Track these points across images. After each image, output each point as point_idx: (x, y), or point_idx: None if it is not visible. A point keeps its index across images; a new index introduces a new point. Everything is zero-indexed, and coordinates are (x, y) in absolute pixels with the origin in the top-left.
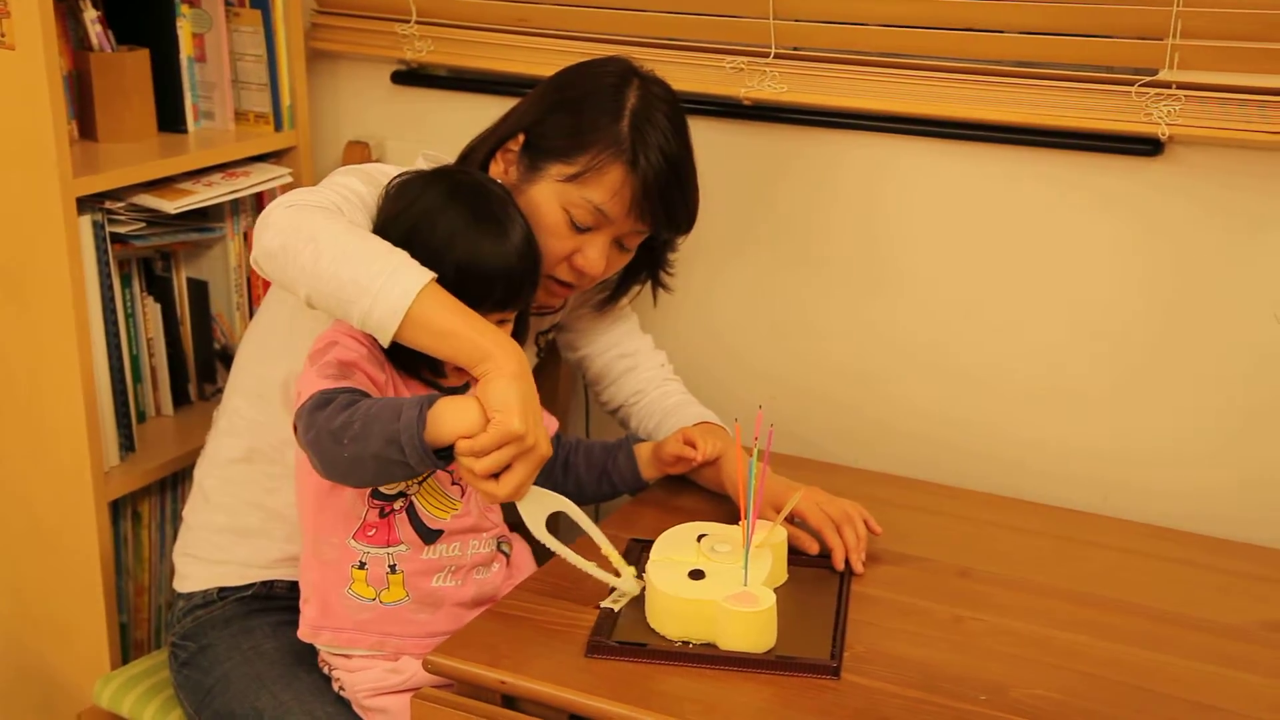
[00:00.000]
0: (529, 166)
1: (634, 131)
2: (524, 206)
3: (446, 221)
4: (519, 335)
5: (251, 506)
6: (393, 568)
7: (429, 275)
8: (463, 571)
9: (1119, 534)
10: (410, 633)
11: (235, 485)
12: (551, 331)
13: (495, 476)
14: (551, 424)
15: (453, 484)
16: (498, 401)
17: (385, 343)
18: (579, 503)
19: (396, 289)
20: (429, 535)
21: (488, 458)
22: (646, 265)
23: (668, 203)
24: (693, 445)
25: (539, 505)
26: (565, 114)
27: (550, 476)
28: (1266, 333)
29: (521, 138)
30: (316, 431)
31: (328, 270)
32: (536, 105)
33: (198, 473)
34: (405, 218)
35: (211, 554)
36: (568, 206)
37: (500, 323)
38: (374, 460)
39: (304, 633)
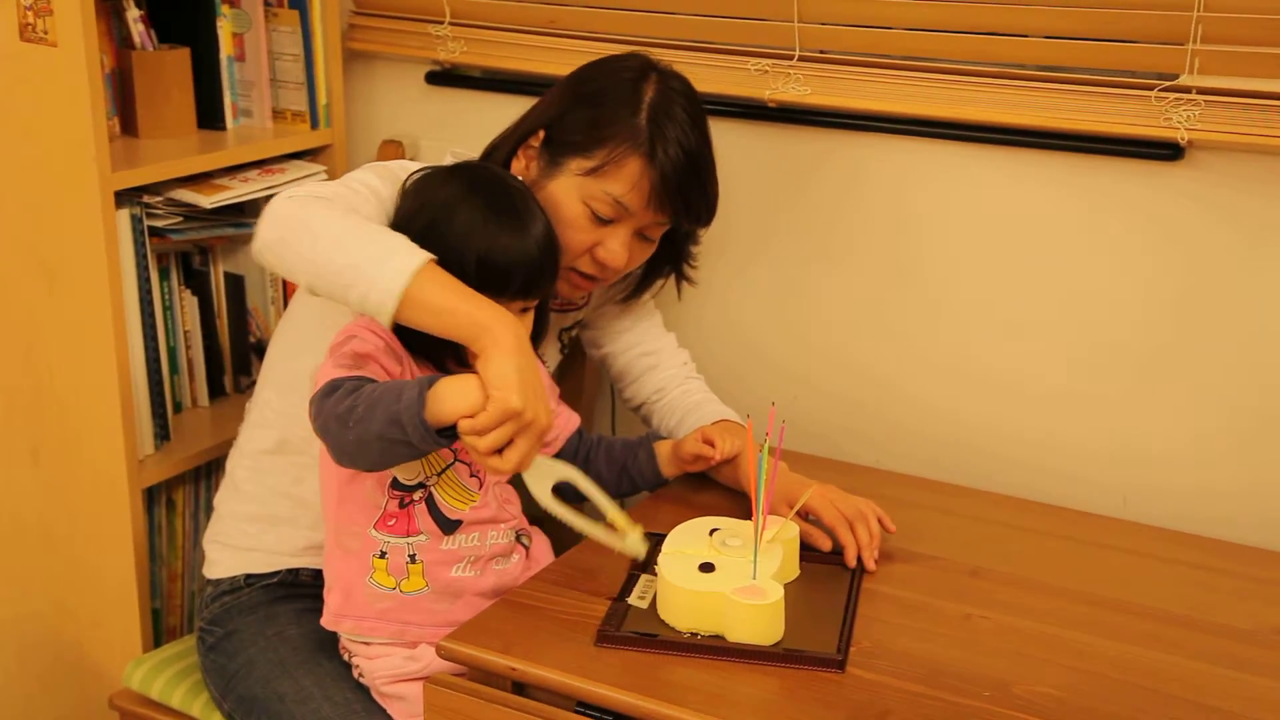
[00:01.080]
0: (549, 162)
1: (652, 124)
2: (544, 201)
3: (465, 214)
4: (539, 327)
5: (280, 495)
6: (412, 557)
7: (425, 256)
8: (481, 562)
9: (1133, 537)
10: (430, 622)
11: (265, 475)
12: (575, 328)
13: (500, 452)
14: (572, 420)
15: (471, 475)
16: (496, 378)
17: (386, 324)
18: None
19: (391, 270)
20: (448, 525)
21: (489, 435)
22: (669, 259)
23: (686, 194)
24: (711, 444)
25: (545, 476)
26: (584, 109)
27: None
28: None
29: (542, 134)
30: (324, 417)
31: (324, 256)
32: (556, 102)
33: (229, 463)
34: (424, 211)
35: (240, 541)
36: (588, 200)
37: (522, 312)
38: (378, 441)
39: (327, 620)
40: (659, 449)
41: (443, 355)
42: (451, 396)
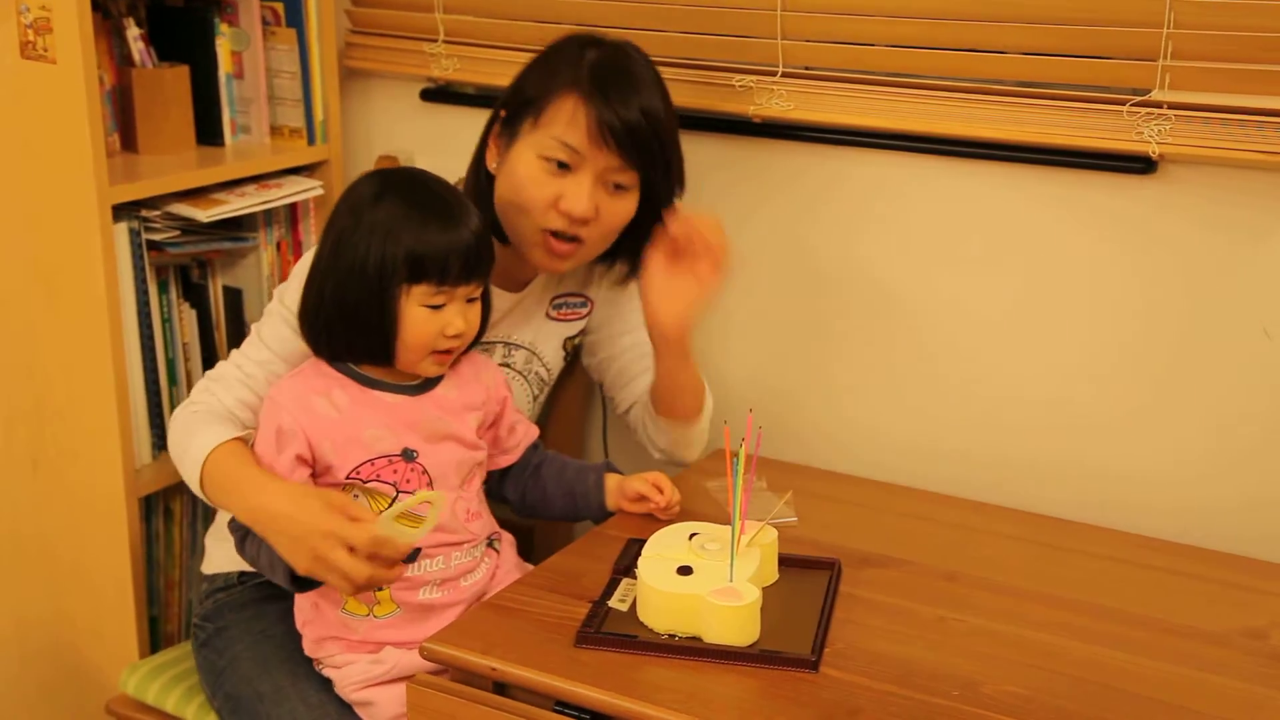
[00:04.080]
0: (509, 138)
1: (591, 69)
2: (508, 174)
3: (383, 214)
4: (484, 313)
5: None
6: (379, 586)
7: (197, 471)
8: (450, 583)
9: (1108, 543)
10: (406, 639)
11: None
12: (579, 337)
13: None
14: (531, 432)
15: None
16: (288, 557)
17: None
18: (542, 516)
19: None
20: (408, 555)
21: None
22: (645, 234)
23: (631, 127)
24: (660, 489)
25: (391, 527)
26: (533, 75)
27: (519, 483)
28: (1259, 349)
29: (503, 114)
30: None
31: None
32: (514, 80)
33: None
34: (346, 221)
35: None
36: (540, 153)
37: (469, 302)
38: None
39: (309, 649)
40: (609, 479)
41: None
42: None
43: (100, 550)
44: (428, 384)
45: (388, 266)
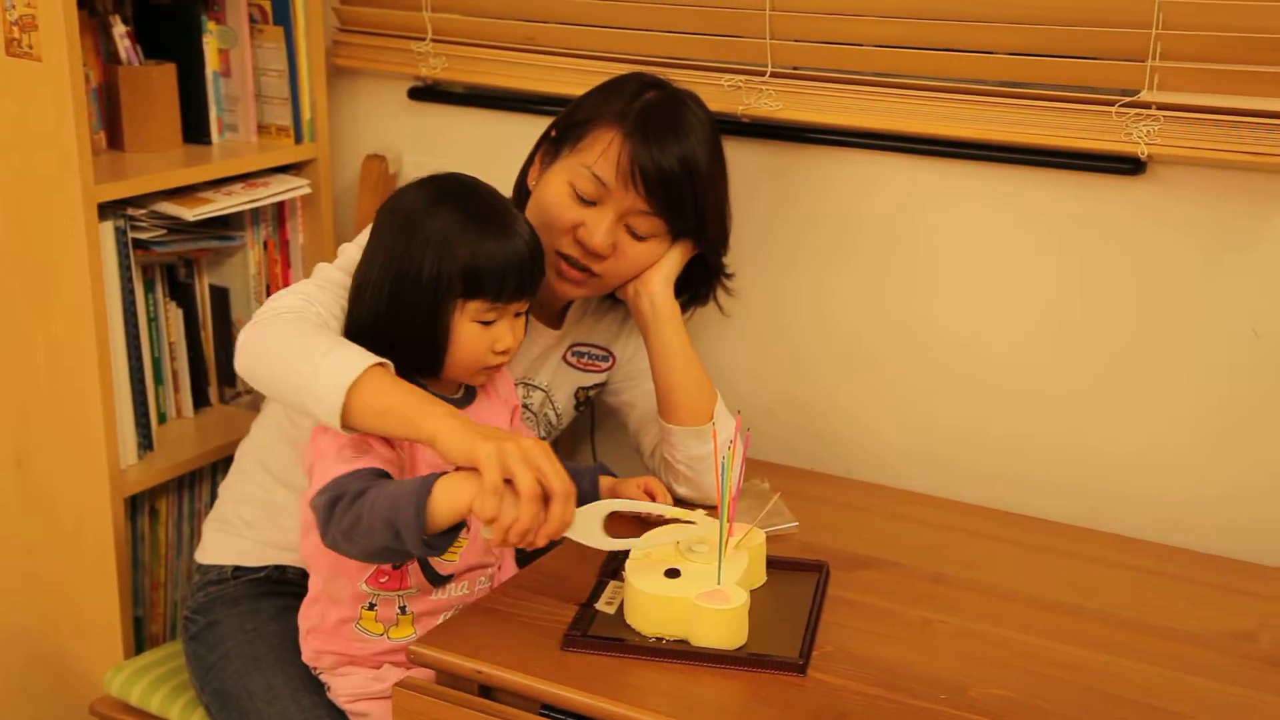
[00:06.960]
0: (551, 159)
1: (641, 109)
2: (539, 195)
3: (441, 224)
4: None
5: (282, 485)
6: (403, 609)
7: (355, 372)
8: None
9: (1096, 545)
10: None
11: (272, 462)
12: (594, 390)
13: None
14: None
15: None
16: (457, 449)
17: (339, 428)
18: None
19: (329, 387)
20: (439, 580)
21: (506, 510)
22: (696, 282)
23: (663, 173)
24: (652, 497)
25: (590, 527)
26: (588, 103)
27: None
28: (1246, 348)
29: (553, 134)
30: (332, 535)
31: (279, 383)
32: (570, 104)
33: (238, 452)
34: (400, 230)
35: (237, 527)
36: (571, 179)
37: (516, 317)
38: (382, 554)
39: (307, 657)
40: (602, 481)
41: (419, 370)
42: (445, 499)
43: (85, 550)
44: (468, 395)
45: (443, 281)
